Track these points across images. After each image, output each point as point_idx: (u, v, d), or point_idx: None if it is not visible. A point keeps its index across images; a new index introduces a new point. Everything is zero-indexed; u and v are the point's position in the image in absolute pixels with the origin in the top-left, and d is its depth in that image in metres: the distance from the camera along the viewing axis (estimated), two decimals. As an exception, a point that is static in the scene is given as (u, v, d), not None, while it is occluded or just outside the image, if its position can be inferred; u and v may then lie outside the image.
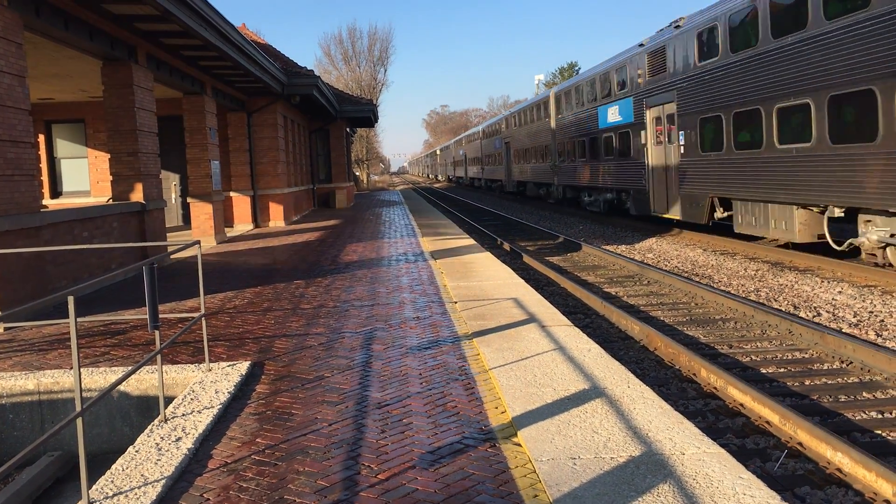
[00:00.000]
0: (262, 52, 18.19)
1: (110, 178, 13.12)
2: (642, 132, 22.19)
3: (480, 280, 10.62)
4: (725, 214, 17.75)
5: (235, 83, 19.91)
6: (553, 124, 33.35)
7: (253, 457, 4.48)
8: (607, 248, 18.79)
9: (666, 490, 3.75)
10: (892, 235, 12.27)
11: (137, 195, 13.04)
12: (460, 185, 77.46)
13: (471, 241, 16.22)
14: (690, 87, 18.79)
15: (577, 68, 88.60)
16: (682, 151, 19.42)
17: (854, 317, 10.17)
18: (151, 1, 10.42)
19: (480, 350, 6.65)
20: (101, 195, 20.69)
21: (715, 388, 7.42)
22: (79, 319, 7.28)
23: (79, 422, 3.88)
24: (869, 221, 12.82)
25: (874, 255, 13.11)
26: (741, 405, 6.89)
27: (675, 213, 20.41)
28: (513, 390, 5.43)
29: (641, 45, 22.18)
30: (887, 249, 12.67)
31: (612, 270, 15.44)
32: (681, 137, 19.49)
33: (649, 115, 21.57)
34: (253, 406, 5.43)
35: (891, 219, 12.24)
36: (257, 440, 4.75)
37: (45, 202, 20.16)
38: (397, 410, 5.18)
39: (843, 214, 13.42)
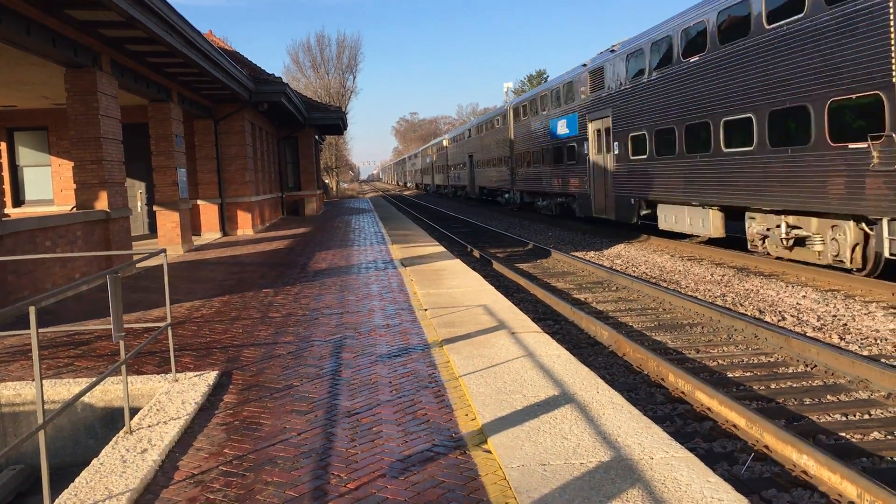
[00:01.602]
0: (229, 59, 18.06)
1: (74, 186, 12.92)
2: (463, 164, 53.26)
3: (450, 287, 10.62)
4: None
5: (202, 90, 19.74)
6: (448, 155, 62.99)
7: (220, 468, 4.43)
8: (576, 254, 18.91)
9: (635, 495, 3.77)
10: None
11: (102, 203, 12.85)
12: (426, 191, 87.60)
13: (440, 249, 16.22)
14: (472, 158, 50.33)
15: (545, 76, 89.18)
16: (446, 176, 61.89)
17: (818, 321, 10.34)
18: (116, 7, 10.30)
19: (450, 357, 6.65)
20: (64, 204, 20.35)
21: (683, 392, 7.49)
22: (41, 330, 7.14)
23: (41, 434, 3.80)
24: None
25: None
26: (708, 409, 6.96)
27: (472, 196, 50.17)
28: (483, 397, 5.43)
29: (453, 137, 58.55)
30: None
31: (581, 276, 15.53)
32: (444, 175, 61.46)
33: (450, 159, 58.32)
34: (220, 416, 5.36)
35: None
36: (225, 451, 4.69)
37: (7, 211, 19.76)
38: (367, 419, 5.16)
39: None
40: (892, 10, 10.63)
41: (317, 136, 37.30)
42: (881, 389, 7.25)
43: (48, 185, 21.20)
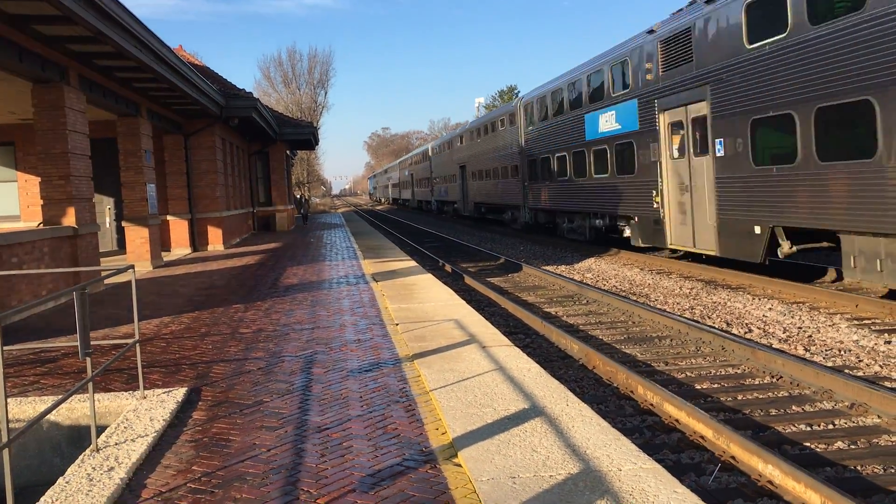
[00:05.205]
0: (199, 74, 17.99)
1: (41, 202, 12.76)
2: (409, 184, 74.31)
3: (422, 302, 10.64)
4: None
5: (172, 105, 19.63)
6: (396, 175, 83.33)
7: (189, 485, 4.40)
8: (547, 268, 19.02)
9: (603, 506, 3.81)
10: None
11: (69, 219, 12.71)
12: (397, 205, 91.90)
13: (412, 263, 16.24)
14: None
15: (516, 91, 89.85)
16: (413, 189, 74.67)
17: (783, 332, 10.50)
18: (83, 22, 10.24)
19: (421, 372, 6.66)
20: (31, 220, 20.08)
21: (651, 404, 7.57)
22: (6, 347, 7.05)
23: (5, 453, 3.76)
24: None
25: None
26: (677, 421, 7.04)
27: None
28: (453, 411, 5.45)
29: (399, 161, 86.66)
30: None
31: (551, 290, 15.63)
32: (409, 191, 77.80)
33: (399, 179, 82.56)
34: (189, 433, 5.33)
35: None
36: (193, 468, 4.66)
37: (-29, 227, 19.44)
38: (337, 434, 5.15)
39: None
40: None
41: (288, 152, 37.20)
42: (845, 400, 7.39)
43: (14, 200, 20.92)
